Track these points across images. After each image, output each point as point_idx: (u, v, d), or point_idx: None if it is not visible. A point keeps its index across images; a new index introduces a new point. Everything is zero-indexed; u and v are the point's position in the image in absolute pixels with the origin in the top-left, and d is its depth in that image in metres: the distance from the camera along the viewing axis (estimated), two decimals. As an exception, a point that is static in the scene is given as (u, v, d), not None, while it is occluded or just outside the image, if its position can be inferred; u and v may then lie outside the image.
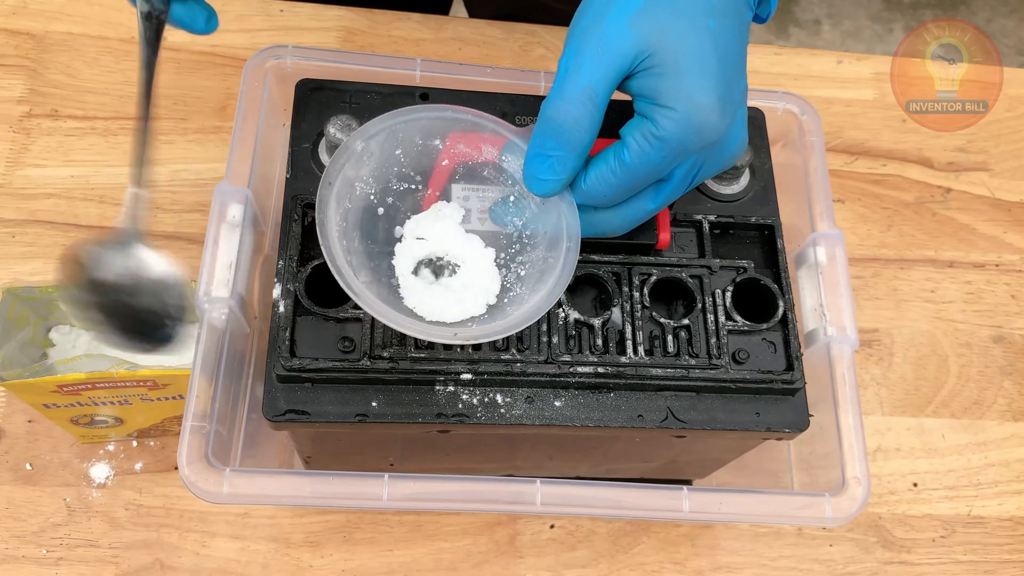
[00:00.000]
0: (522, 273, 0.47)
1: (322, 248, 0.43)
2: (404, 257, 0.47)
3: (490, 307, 0.46)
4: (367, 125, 0.46)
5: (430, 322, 0.45)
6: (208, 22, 0.44)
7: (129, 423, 0.62)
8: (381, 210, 0.47)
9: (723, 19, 0.42)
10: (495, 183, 0.48)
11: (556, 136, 0.42)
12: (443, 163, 0.47)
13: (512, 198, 0.47)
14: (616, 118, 0.44)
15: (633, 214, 0.45)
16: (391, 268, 0.47)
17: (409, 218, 0.47)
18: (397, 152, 0.47)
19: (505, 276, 0.47)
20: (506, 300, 0.46)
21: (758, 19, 0.48)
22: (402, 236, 0.47)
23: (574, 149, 0.42)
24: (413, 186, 0.48)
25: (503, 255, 0.47)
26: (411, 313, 0.45)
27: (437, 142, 0.47)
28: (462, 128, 0.47)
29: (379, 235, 0.47)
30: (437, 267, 0.47)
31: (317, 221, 0.43)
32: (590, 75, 0.41)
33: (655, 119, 0.41)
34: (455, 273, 0.47)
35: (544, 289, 0.45)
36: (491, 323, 0.45)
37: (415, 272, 0.47)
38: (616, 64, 0.41)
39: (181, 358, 0.62)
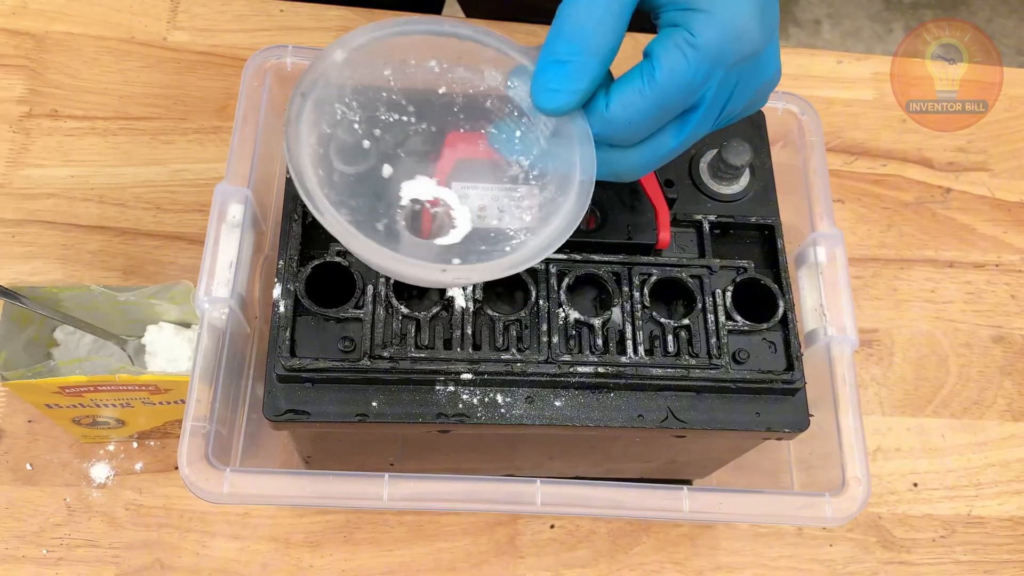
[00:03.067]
0: (527, 219, 0.42)
1: (289, 167, 0.38)
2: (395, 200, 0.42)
3: (488, 255, 0.41)
4: (350, 34, 0.40)
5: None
6: None
7: (131, 425, 0.62)
8: (367, 143, 0.42)
9: None
10: (499, 116, 0.42)
11: (575, 39, 0.36)
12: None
13: (519, 132, 0.41)
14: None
15: (654, 152, 0.40)
16: (379, 210, 0.42)
17: (401, 157, 0.43)
18: (386, 72, 0.41)
19: (508, 223, 0.42)
20: (508, 248, 0.41)
21: None
22: (391, 176, 0.43)
23: (596, 54, 0.36)
24: (405, 118, 0.43)
25: (506, 199, 0.42)
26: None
27: (433, 64, 0.41)
28: (461, 40, 0.41)
29: (364, 172, 0.42)
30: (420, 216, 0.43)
31: (285, 136, 0.38)
32: None
33: (690, 25, 0.36)
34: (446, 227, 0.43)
35: (549, 228, 0.39)
36: (487, 262, 0.39)
37: (405, 220, 0.42)
38: None
39: (182, 365, 0.63)
